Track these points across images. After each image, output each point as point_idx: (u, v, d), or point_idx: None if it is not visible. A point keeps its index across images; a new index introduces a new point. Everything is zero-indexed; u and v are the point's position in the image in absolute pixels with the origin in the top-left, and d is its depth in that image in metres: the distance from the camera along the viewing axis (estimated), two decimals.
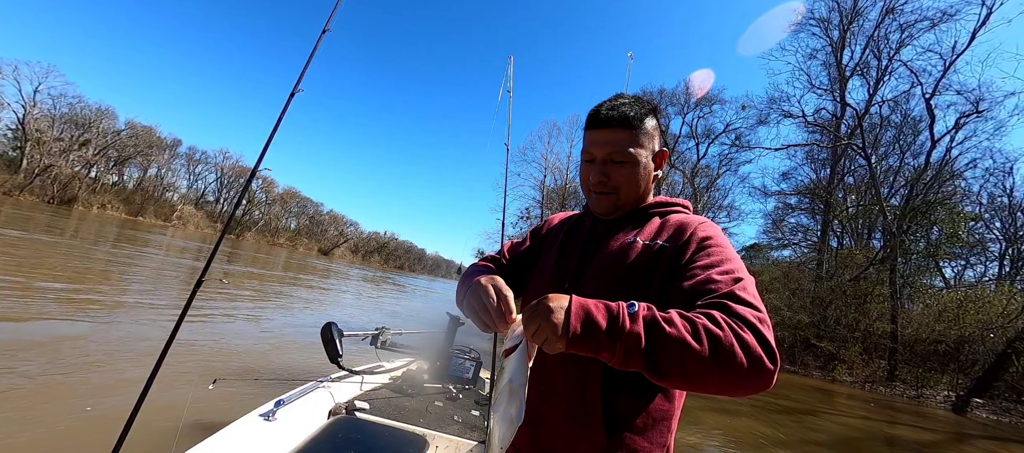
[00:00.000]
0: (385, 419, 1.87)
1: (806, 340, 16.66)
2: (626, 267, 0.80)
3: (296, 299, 10.43)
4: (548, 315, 0.61)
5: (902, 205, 18.17)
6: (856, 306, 17.11)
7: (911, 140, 21.12)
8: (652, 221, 0.86)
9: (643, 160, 0.84)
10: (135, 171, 56.21)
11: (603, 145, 0.84)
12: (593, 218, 0.94)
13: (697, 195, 25.28)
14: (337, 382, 2.09)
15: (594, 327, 0.59)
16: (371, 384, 2.30)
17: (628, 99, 0.85)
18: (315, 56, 1.57)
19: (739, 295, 0.64)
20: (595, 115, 0.85)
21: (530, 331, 0.62)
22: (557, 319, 0.60)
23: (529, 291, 0.97)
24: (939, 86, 17.58)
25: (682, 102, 26.96)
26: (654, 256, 0.78)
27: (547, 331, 0.60)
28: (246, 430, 1.50)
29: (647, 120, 0.84)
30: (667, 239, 0.80)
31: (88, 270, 7.95)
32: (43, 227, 14.92)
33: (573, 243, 0.93)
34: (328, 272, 24.90)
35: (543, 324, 0.60)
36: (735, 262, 0.72)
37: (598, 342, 0.59)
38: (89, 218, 29.42)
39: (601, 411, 0.76)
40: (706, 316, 0.59)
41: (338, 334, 1.83)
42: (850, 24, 19.74)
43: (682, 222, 0.83)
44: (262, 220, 68.09)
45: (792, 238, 24.44)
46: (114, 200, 49.48)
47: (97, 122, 48.83)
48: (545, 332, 0.60)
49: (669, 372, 0.57)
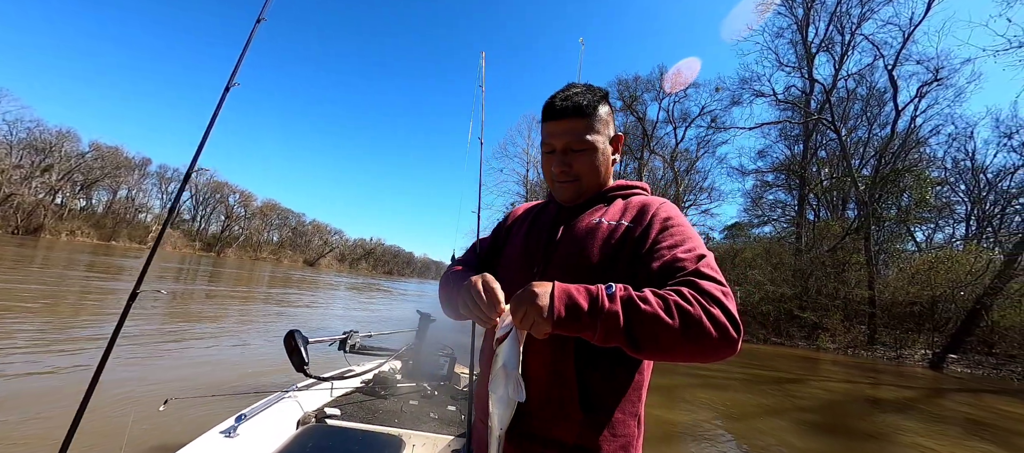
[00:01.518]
0: (358, 423, 1.81)
1: (790, 312, 17.16)
2: (592, 249, 0.83)
3: (269, 312, 10.06)
4: (533, 300, 0.66)
5: (872, 174, 18.82)
6: (835, 275, 17.70)
7: (877, 111, 21.91)
8: (615, 203, 0.91)
9: (601, 146, 0.88)
10: (104, 194, 54.17)
11: (561, 135, 0.87)
12: (557, 204, 0.97)
13: (677, 179, 25.69)
14: (305, 391, 2.01)
15: (577, 309, 0.65)
16: (342, 390, 2.23)
17: (580, 88, 0.88)
18: (250, 49, 1.47)
19: (704, 271, 0.70)
20: (550, 107, 0.88)
21: (518, 317, 0.67)
22: (542, 304, 0.65)
23: (500, 281, 0.97)
24: (900, 57, 18.25)
25: (657, 88, 27.26)
26: (620, 237, 0.83)
27: (534, 315, 0.65)
28: (204, 449, 1.41)
29: (600, 107, 0.87)
30: (631, 220, 0.85)
31: (56, 305, 7.62)
32: (8, 261, 14.25)
33: (539, 229, 0.96)
34: (316, 284, 24.45)
35: (529, 309, 0.66)
36: (696, 240, 0.78)
37: (581, 323, 0.65)
38: (58, 247, 28.18)
39: (576, 389, 0.79)
40: (677, 293, 0.65)
41: (303, 341, 1.74)
42: (813, 1, 20.27)
43: (644, 203, 0.88)
44: (242, 235, 66.37)
45: (771, 214, 25.09)
46: (84, 226, 47.54)
47: (58, 146, 46.76)
48: (532, 316, 0.65)
49: (645, 345, 0.63)
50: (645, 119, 27.28)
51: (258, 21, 1.49)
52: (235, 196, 65.47)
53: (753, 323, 17.33)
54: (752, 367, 10.37)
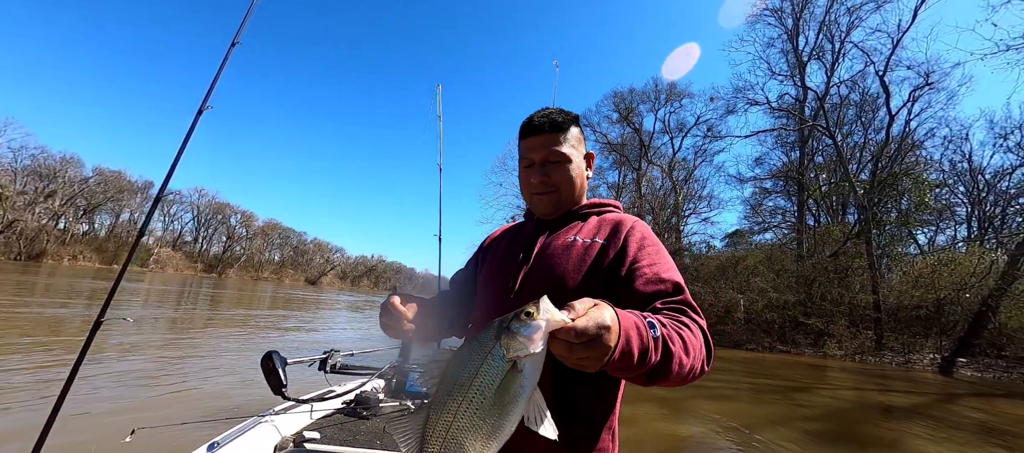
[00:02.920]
0: (338, 447, 1.75)
1: (795, 319, 16.98)
2: (567, 267, 0.86)
3: (256, 334, 9.62)
4: (603, 335, 0.53)
5: (870, 179, 18.87)
6: (838, 281, 17.58)
7: (871, 116, 22.10)
8: (590, 220, 0.95)
9: (576, 159, 0.93)
10: (107, 218, 54.48)
11: (540, 148, 0.92)
12: (535, 222, 1.01)
13: (676, 188, 25.77)
14: (283, 414, 1.95)
15: (629, 356, 0.57)
16: (322, 412, 2.17)
17: (554, 109, 0.95)
18: (226, 69, 1.50)
19: (691, 303, 0.75)
20: (529, 124, 0.94)
21: (576, 353, 0.53)
22: (609, 342, 0.53)
23: (477, 296, 1.01)
24: (890, 63, 18.51)
25: (653, 99, 27.59)
26: (596, 255, 0.85)
27: (594, 353, 0.53)
28: None
29: (573, 126, 0.94)
30: (605, 237, 0.88)
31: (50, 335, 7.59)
32: (10, 288, 14.27)
33: (515, 247, 0.98)
34: (316, 304, 24.34)
35: (595, 345, 0.52)
36: (670, 261, 0.84)
37: (625, 370, 0.59)
38: (60, 271, 28.22)
39: (551, 400, 0.79)
40: (684, 325, 0.68)
41: (281, 362, 1.68)
42: (802, 11, 20.68)
43: (617, 220, 0.92)
44: (244, 255, 66.40)
45: (771, 221, 25.08)
46: (86, 250, 47.67)
47: (62, 171, 47.23)
48: (592, 354, 0.53)
49: (655, 384, 0.64)
50: (642, 130, 27.55)
51: (232, 44, 1.52)
52: (237, 216, 65.78)
53: (758, 331, 17.14)
54: (759, 376, 10.22)
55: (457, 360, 0.57)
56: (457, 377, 0.55)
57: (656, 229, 25.87)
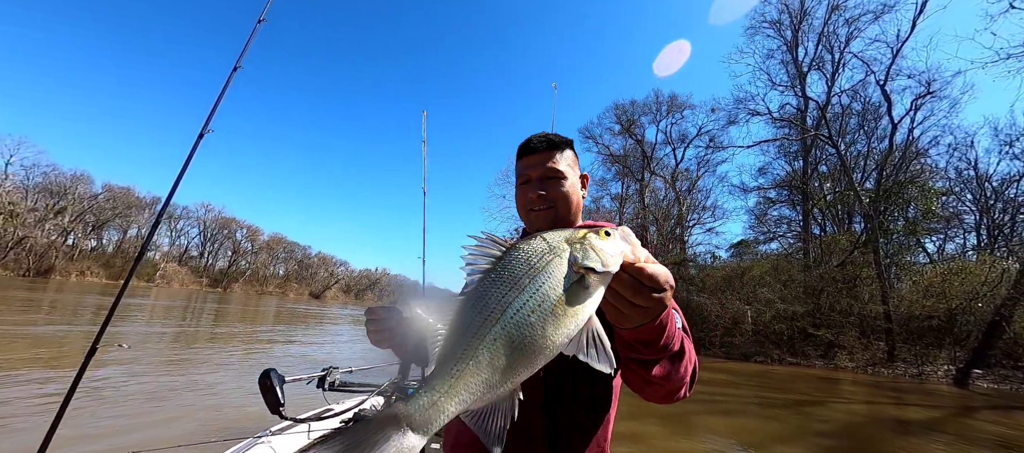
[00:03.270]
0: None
1: (804, 330, 16.72)
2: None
3: (256, 351, 9.45)
4: (666, 289, 0.52)
5: (875, 187, 18.75)
6: (847, 291, 17.33)
7: (874, 125, 22.06)
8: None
9: (571, 178, 0.97)
10: (114, 234, 55.06)
11: (537, 166, 0.96)
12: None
13: (680, 199, 25.71)
14: (280, 435, 1.91)
15: (662, 331, 0.60)
16: (320, 431, 2.13)
17: (551, 133, 1.01)
18: (229, 92, 1.53)
19: (685, 323, 0.78)
20: (527, 144, 0.99)
21: (637, 297, 0.51)
22: (666, 301, 0.53)
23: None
24: (890, 72, 18.55)
25: (654, 110, 27.76)
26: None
27: (654, 303, 0.52)
28: None
29: (568, 148, 0.99)
30: None
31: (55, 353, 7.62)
32: (17, 305, 14.38)
33: None
34: (319, 318, 24.30)
35: (654, 303, 0.52)
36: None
37: (651, 345, 0.62)
38: (67, 287, 28.44)
39: (543, 428, 0.81)
40: (686, 334, 0.74)
41: (278, 380, 1.65)
42: (800, 23, 20.87)
43: None
44: (249, 269, 66.69)
45: (777, 230, 24.89)
46: (93, 266, 48.10)
47: (73, 188, 47.98)
48: (653, 302, 0.51)
49: (651, 383, 0.68)
50: (644, 141, 27.66)
51: (235, 69, 1.56)
52: (242, 231, 66.25)
53: (766, 343, 16.87)
54: (769, 390, 10.02)
55: (516, 255, 0.50)
56: (513, 271, 0.48)
57: (660, 240, 25.75)
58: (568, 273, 0.48)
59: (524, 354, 0.46)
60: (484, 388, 0.47)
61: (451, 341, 0.49)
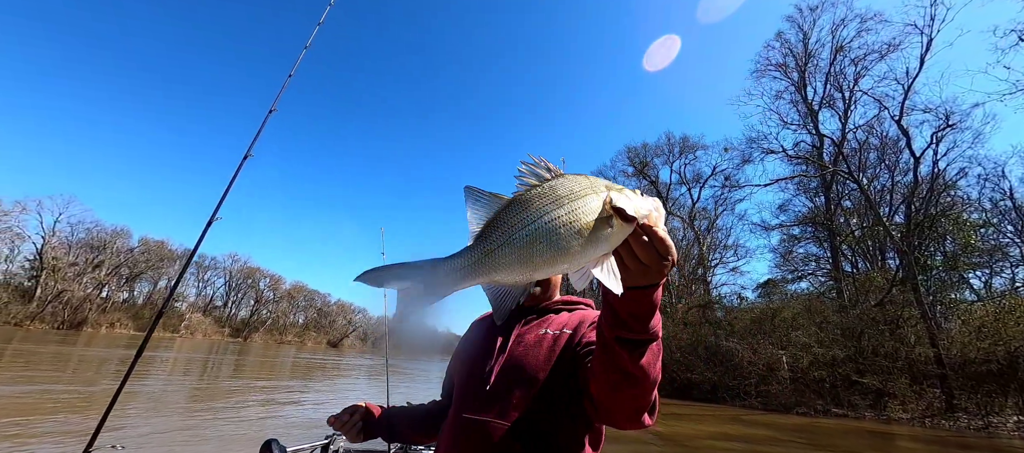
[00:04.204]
0: None
1: (847, 377, 15.50)
2: (540, 358, 0.95)
3: (264, 413, 9.06)
4: (668, 262, 0.60)
5: (906, 222, 18.03)
6: (890, 332, 16.18)
7: (895, 159, 21.61)
8: (561, 314, 1.06)
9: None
10: (146, 285, 57.09)
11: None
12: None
13: (699, 239, 25.24)
14: None
15: (652, 305, 0.66)
16: None
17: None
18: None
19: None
20: None
21: (644, 253, 0.59)
22: (665, 269, 0.61)
23: (454, 373, 1.12)
24: (904, 108, 18.41)
25: (667, 152, 28.07)
26: (564, 344, 0.96)
27: (652, 269, 0.60)
28: None
29: None
30: (573, 328, 1.00)
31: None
32: (47, 361, 14.78)
33: (492, 335, 1.06)
34: (337, 370, 24.02)
35: (660, 261, 0.59)
36: None
37: (642, 319, 0.67)
38: (96, 340, 29.23)
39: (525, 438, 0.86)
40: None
41: (280, 451, 1.65)
42: (806, 65, 21.27)
43: (584, 315, 1.04)
44: (269, 318, 67.38)
45: (805, 268, 23.90)
46: (123, 317, 49.56)
47: (112, 243, 50.67)
48: (658, 259, 0.59)
49: (633, 376, 0.71)
50: (658, 182, 27.75)
51: (245, 157, 1.67)
52: (265, 280, 67.74)
53: (807, 392, 15.65)
54: (817, 448, 9.12)
55: (562, 180, 0.60)
56: (557, 190, 0.58)
57: (682, 281, 25.01)
58: (600, 209, 0.57)
59: (548, 254, 0.56)
60: (508, 269, 0.56)
61: (496, 225, 0.58)
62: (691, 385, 18.65)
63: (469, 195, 0.62)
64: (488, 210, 0.60)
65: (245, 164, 1.96)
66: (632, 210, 0.57)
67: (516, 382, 0.92)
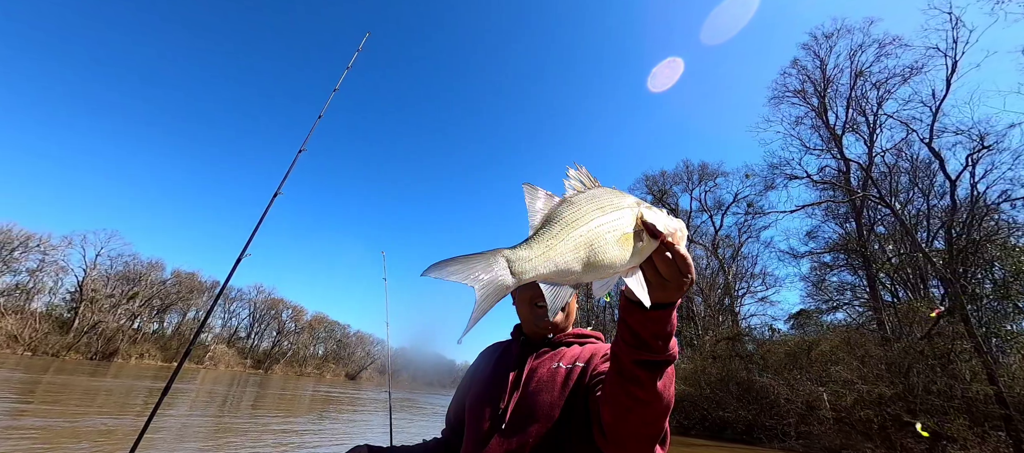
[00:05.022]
0: None
1: (897, 418, 14.25)
2: (554, 393, 0.96)
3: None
4: (687, 281, 0.64)
5: (947, 248, 17.03)
6: (941, 368, 14.93)
7: (929, 182, 20.71)
8: (572, 348, 1.06)
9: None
10: (176, 316, 58.87)
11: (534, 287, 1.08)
12: (520, 344, 1.11)
13: (724, 267, 24.45)
14: None
15: (667, 322, 0.68)
16: None
17: None
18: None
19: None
20: None
21: (666, 269, 0.63)
22: (683, 286, 0.64)
23: (467, 408, 1.09)
24: (934, 130, 17.80)
25: (685, 180, 27.82)
26: (577, 377, 0.97)
27: (679, 279, 0.63)
28: None
29: None
30: (585, 361, 1.01)
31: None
32: (77, 395, 15.21)
33: (504, 369, 1.07)
34: (353, 404, 23.79)
35: (680, 278, 0.63)
36: None
37: (658, 337, 0.69)
38: (125, 371, 30.03)
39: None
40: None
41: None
42: (825, 90, 21.00)
43: (595, 348, 1.05)
44: (290, 350, 67.96)
45: (840, 298, 22.64)
46: (152, 348, 50.97)
47: (147, 275, 52.96)
48: (678, 278, 0.63)
49: (647, 398, 0.72)
50: (678, 210, 27.35)
51: (275, 195, 1.72)
52: (288, 311, 68.91)
53: (854, 433, 14.43)
54: None
55: (603, 191, 0.64)
56: (601, 200, 0.62)
57: (708, 311, 24.04)
58: (633, 222, 0.62)
59: (594, 258, 0.59)
60: (562, 268, 0.59)
61: (552, 222, 0.61)
62: (724, 424, 17.50)
63: (528, 190, 0.64)
64: (544, 206, 0.63)
65: (275, 201, 2.02)
66: (661, 226, 0.61)
67: (532, 418, 0.93)
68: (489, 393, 1.03)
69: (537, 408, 0.94)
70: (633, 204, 0.63)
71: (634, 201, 0.64)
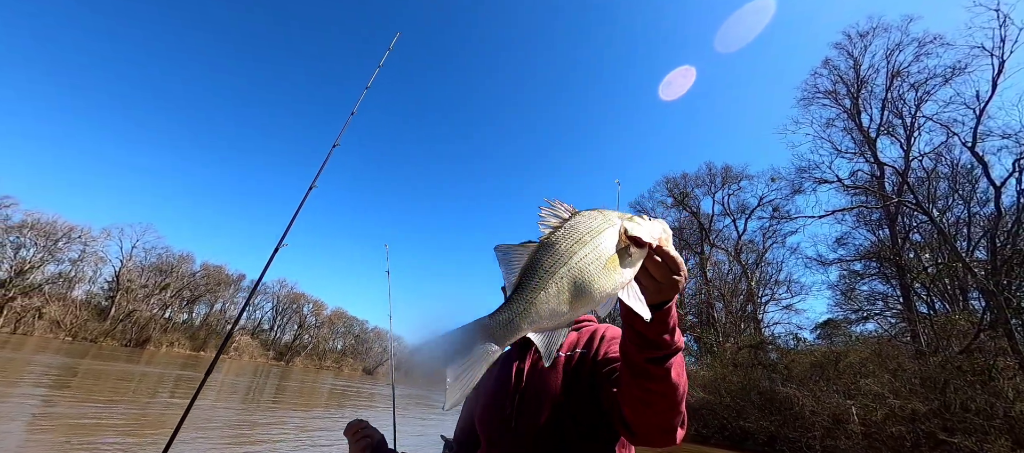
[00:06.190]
0: None
1: (932, 436, 13.56)
2: (557, 380, 0.98)
3: (300, 444, 9.28)
4: (680, 279, 0.67)
5: (989, 258, 16.10)
6: (981, 384, 14.13)
7: (971, 189, 19.60)
8: (569, 335, 1.06)
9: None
10: (204, 308, 61.31)
11: None
12: (518, 343, 1.16)
13: (747, 273, 23.79)
14: None
15: (668, 318, 0.70)
16: None
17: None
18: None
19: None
20: None
21: (658, 272, 0.65)
22: (680, 286, 0.67)
23: (477, 420, 1.11)
24: (978, 134, 16.85)
25: (708, 183, 27.18)
26: (576, 365, 0.99)
27: (666, 286, 0.66)
28: None
29: None
30: (583, 346, 1.02)
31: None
32: (112, 382, 15.99)
33: (506, 364, 1.09)
34: (370, 399, 24.23)
35: (672, 277, 0.66)
36: None
37: (662, 333, 0.71)
38: (156, 359, 31.46)
39: None
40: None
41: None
42: (858, 92, 20.13)
43: (592, 331, 1.06)
44: (310, 344, 69.79)
45: (871, 308, 21.69)
46: (181, 338, 53.26)
47: (178, 267, 55.36)
48: (672, 279, 0.66)
49: (658, 389, 0.74)
50: (700, 213, 26.76)
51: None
52: (309, 305, 70.77)
53: (884, 450, 13.81)
54: None
55: (580, 219, 0.63)
56: (579, 230, 0.61)
57: (729, 318, 23.44)
58: (618, 240, 0.61)
59: (582, 293, 0.58)
60: (549, 315, 0.58)
61: (528, 274, 0.60)
62: (745, 434, 17.03)
63: (499, 253, 0.64)
64: (519, 261, 0.62)
65: (310, 195, 2.08)
66: (646, 236, 0.63)
67: (538, 410, 0.95)
68: (495, 393, 1.05)
69: (541, 400, 0.96)
70: (615, 221, 0.63)
71: (616, 217, 0.64)
